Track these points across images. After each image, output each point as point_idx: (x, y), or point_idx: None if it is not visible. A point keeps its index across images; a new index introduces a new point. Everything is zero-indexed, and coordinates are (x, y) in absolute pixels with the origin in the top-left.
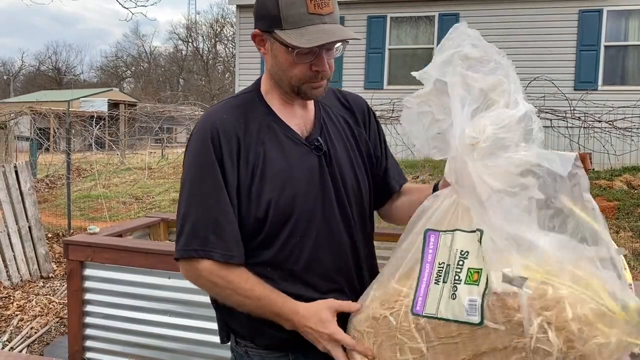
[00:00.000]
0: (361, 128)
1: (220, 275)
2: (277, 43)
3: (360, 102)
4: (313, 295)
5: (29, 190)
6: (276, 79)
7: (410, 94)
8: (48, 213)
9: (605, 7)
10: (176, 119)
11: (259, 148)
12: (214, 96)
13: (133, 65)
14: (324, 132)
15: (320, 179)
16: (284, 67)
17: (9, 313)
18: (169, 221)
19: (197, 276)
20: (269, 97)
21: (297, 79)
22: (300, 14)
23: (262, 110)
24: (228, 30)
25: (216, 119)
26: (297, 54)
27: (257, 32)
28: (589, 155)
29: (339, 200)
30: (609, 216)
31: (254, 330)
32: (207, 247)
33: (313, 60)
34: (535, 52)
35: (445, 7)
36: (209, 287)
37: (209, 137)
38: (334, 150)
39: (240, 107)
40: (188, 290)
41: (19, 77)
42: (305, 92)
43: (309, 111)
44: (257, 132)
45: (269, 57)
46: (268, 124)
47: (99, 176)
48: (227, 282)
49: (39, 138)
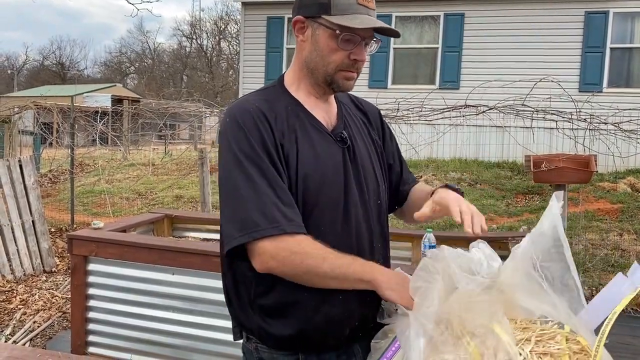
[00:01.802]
0: (375, 131)
1: (303, 243)
2: (322, 28)
3: (373, 109)
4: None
5: (32, 184)
6: (311, 67)
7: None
8: (51, 207)
9: (612, 9)
10: (180, 116)
11: (291, 135)
12: (217, 93)
13: (137, 61)
14: (348, 127)
15: (345, 171)
16: (324, 53)
17: (12, 307)
18: (173, 217)
19: (274, 255)
20: (294, 90)
21: (335, 65)
22: (350, 3)
23: (289, 100)
24: (232, 27)
25: (249, 107)
26: (342, 40)
27: (300, 18)
28: (594, 158)
29: (360, 194)
30: (612, 219)
31: (261, 327)
32: (278, 224)
33: (353, 49)
34: (540, 53)
35: (451, 7)
36: (289, 262)
37: (249, 121)
38: (356, 146)
39: (267, 100)
40: (191, 286)
41: (22, 72)
42: (337, 82)
43: (332, 106)
44: (287, 120)
45: (307, 45)
46: (297, 113)
47: (102, 171)
48: (306, 251)
49: (42, 133)
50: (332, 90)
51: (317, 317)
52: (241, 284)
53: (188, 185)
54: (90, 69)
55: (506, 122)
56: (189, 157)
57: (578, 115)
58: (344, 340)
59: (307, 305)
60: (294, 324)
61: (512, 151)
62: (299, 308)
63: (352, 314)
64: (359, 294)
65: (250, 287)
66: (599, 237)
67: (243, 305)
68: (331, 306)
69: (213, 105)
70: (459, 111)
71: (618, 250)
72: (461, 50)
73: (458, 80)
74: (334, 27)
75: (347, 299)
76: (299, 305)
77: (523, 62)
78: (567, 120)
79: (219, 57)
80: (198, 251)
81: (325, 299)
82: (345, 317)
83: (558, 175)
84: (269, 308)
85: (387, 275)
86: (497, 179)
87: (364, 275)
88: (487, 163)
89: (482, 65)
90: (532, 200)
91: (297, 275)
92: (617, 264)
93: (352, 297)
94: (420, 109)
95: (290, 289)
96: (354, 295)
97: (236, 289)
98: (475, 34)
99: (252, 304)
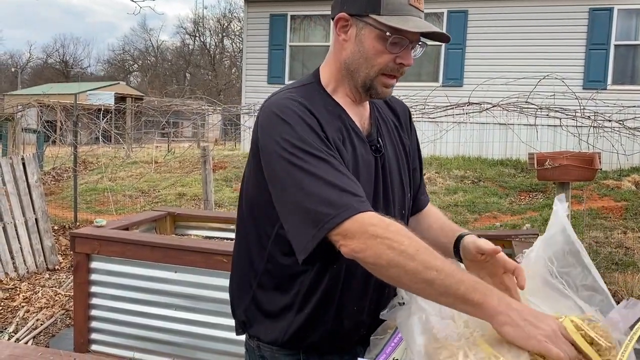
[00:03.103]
0: (405, 134)
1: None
2: (370, 28)
3: (403, 107)
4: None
5: (36, 182)
6: (351, 69)
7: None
8: (54, 205)
9: (616, 6)
10: (183, 114)
11: (337, 134)
12: (220, 91)
13: (140, 59)
14: (380, 134)
15: (375, 179)
16: (369, 55)
17: (15, 304)
18: (176, 215)
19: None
20: (330, 90)
21: (379, 68)
22: (401, 3)
23: (327, 100)
24: (235, 25)
25: (288, 103)
26: (391, 43)
27: (344, 15)
28: (598, 155)
29: (386, 205)
30: (616, 216)
31: (261, 324)
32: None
33: (400, 52)
34: (544, 50)
35: (454, 4)
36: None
37: (293, 115)
38: (386, 154)
39: (305, 97)
40: (194, 284)
41: (26, 70)
42: (375, 88)
43: (366, 110)
44: (330, 119)
45: (350, 44)
46: (338, 114)
47: (105, 169)
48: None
49: (46, 130)
50: (369, 96)
51: (324, 328)
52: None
53: (191, 183)
54: (93, 67)
55: (510, 119)
56: (192, 155)
57: (582, 113)
58: (350, 346)
59: (316, 317)
60: (299, 333)
61: (515, 149)
62: (306, 319)
63: (361, 325)
64: (373, 305)
65: (260, 288)
66: (602, 235)
67: (243, 300)
68: (342, 318)
69: (216, 103)
70: (462, 109)
71: (622, 248)
72: (465, 47)
73: (461, 77)
74: (384, 28)
75: (360, 311)
76: (308, 316)
77: (527, 59)
78: (571, 117)
79: (222, 55)
80: (201, 249)
81: (337, 313)
82: (354, 328)
83: (562, 173)
84: (272, 312)
85: (510, 306)
86: (500, 176)
87: (471, 293)
88: (490, 161)
89: (485, 62)
90: (536, 198)
91: (380, 265)
92: (621, 262)
93: (365, 309)
94: (423, 106)
95: (304, 295)
96: (367, 307)
97: (240, 287)
98: (479, 31)
99: (258, 305)
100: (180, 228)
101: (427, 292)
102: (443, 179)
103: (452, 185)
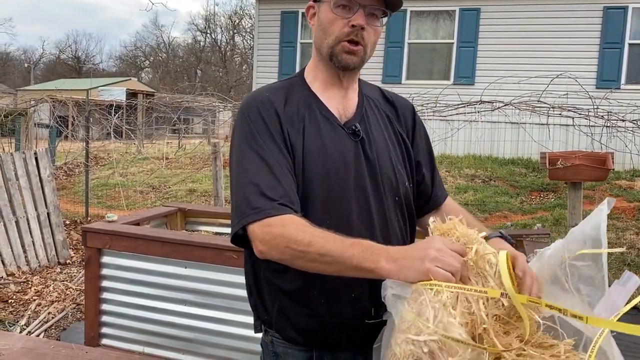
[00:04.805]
0: (403, 127)
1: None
2: (325, 4)
3: (406, 103)
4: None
5: (48, 177)
6: (317, 47)
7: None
8: (66, 200)
9: (631, 4)
10: (194, 110)
11: (299, 124)
12: (231, 88)
13: (151, 55)
14: (365, 120)
15: (356, 165)
16: (325, 26)
17: (27, 298)
18: (186, 211)
19: (261, 239)
20: (310, 79)
21: (335, 36)
22: None
23: (304, 92)
24: (246, 22)
25: (259, 97)
26: (335, 5)
27: (311, 3)
28: (611, 155)
29: (375, 189)
30: (629, 217)
31: (277, 319)
32: (260, 208)
33: (352, 16)
34: (557, 49)
35: (466, 2)
36: (274, 245)
37: (253, 110)
38: (372, 139)
39: (283, 88)
40: (204, 280)
41: (39, 65)
42: (337, 56)
43: (349, 99)
44: (297, 109)
45: (315, 27)
46: (309, 103)
47: (117, 165)
48: (290, 234)
49: (58, 126)
50: (340, 68)
51: (328, 313)
52: (258, 271)
53: (201, 179)
54: (105, 63)
55: (522, 118)
56: (203, 151)
57: (595, 112)
58: (359, 340)
59: (317, 301)
60: (307, 317)
61: (527, 148)
62: (311, 303)
63: (365, 312)
64: (372, 290)
65: (267, 273)
66: (615, 235)
67: (262, 295)
68: (343, 304)
69: (226, 100)
70: (474, 107)
71: (634, 249)
72: (476, 45)
73: (473, 75)
74: None
75: (360, 297)
76: (311, 300)
77: (539, 58)
78: (584, 117)
79: (233, 52)
80: (211, 245)
81: (337, 296)
82: (359, 314)
83: (574, 173)
84: (282, 296)
85: (395, 258)
86: (511, 175)
87: (363, 263)
88: (501, 160)
89: (497, 60)
90: (547, 198)
91: (286, 260)
92: (633, 263)
93: (365, 294)
94: (434, 104)
95: (302, 282)
96: (367, 291)
97: (255, 278)
98: (491, 29)
99: (270, 292)
100: (190, 224)
101: (329, 270)
102: (454, 178)
103: (462, 184)
